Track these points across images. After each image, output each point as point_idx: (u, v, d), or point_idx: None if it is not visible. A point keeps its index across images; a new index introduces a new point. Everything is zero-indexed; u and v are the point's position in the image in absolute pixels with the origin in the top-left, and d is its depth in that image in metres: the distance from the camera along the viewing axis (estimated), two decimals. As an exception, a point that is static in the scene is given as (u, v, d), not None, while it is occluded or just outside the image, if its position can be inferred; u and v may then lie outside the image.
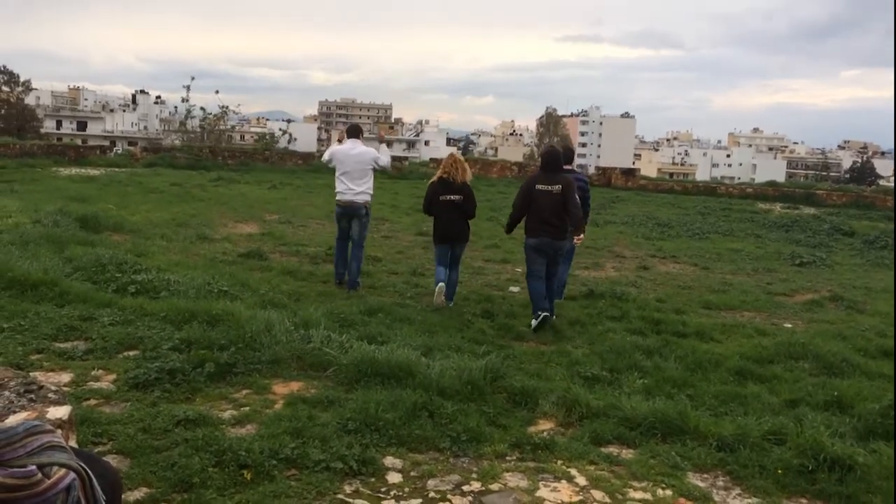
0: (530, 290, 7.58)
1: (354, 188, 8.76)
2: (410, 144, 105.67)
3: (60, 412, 2.48)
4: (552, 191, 7.40)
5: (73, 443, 2.52)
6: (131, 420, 4.08)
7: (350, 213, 8.85)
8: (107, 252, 8.00)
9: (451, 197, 8.05)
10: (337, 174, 8.86)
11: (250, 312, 5.95)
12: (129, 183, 18.63)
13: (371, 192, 8.93)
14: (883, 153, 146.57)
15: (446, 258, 8.17)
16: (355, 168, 8.76)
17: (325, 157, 9.44)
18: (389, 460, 3.91)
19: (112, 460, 3.64)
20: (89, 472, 1.76)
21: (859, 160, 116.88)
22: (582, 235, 7.76)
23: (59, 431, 2.37)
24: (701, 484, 3.92)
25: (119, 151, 29.61)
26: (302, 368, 5.16)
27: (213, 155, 26.52)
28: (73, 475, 1.71)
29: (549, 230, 7.43)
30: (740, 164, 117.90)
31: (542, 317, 7.21)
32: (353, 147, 8.92)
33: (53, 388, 2.69)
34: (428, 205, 8.22)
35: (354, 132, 9.23)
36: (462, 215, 8.13)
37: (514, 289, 9.50)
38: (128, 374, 4.72)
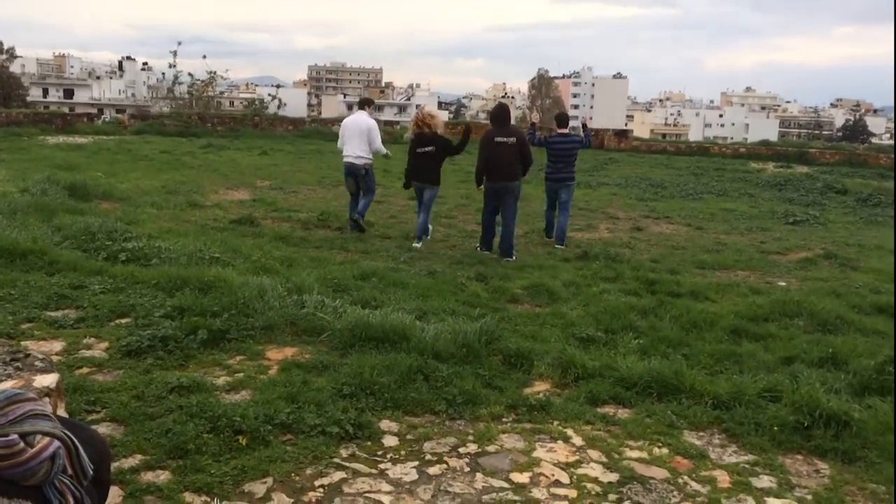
0: (483, 222, 9.26)
1: (354, 152, 10.06)
2: (401, 108, 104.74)
3: (47, 380, 2.43)
4: (508, 142, 8.87)
5: (61, 411, 2.48)
6: (124, 388, 4.04)
7: (353, 173, 10.20)
8: (96, 220, 7.90)
9: (426, 149, 9.34)
10: (344, 139, 10.19)
11: (243, 279, 5.89)
12: (118, 150, 18.40)
13: (368, 156, 10.07)
14: (875, 111, 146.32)
15: (421, 202, 9.54)
16: (354, 135, 10.05)
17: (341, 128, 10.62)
18: (385, 424, 3.90)
19: (105, 428, 3.61)
20: (75, 440, 1.72)
21: (852, 118, 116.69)
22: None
23: (47, 399, 2.32)
24: (697, 442, 3.92)
25: (107, 119, 29.24)
26: (296, 334, 5.12)
27: (202, 121, 26.20)
28: (57, 443, 1.66)
29: (505, 175, 8.94)
30: (733, 124, 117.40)
31: (482, 249, 9.07)
32: (357, 117, 10.28)
33: (40, 356, 2.64)
34: (408, 157, 9.62)
35: (362, 104, 10.60)
36: (436, 163, 9.39)
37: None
38: (120, 341, 4.68)
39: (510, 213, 9.06)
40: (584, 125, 11.42)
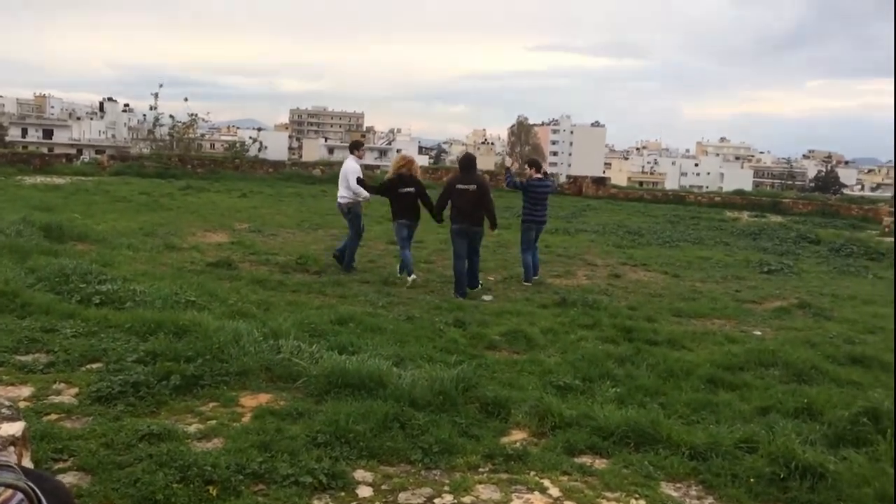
0: (455, 267, 9.75)
1: (338, 193, 10.93)
2: (382, 153, 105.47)
3: (13, 429, 2.37)
4: (470, 189, 9.63)
5: (26, 461, 2.41)
6: (93, 435, 3.95)
7: (340, 212, 11.08)
8: (71, 262, 7.81)
9: (409, 189, 10.15)
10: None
11: (218, 323, 5.83)
12: (96, 192, 18.30)
13: (347, 195, 10.70)
14: (847, 162, 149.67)
15: (407, 240, 10.26)
16: (340, 177, 10.88)
17: None
18: (360, 474, 3.83)
19: (72, 477, 3.52)
20: (38, 492, 1.67)
21: (824, 169, 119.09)
22: (496, 229, 10.14)
23: (12, 449, 2.26)
24: (674, 493, 3.90)
25: (86, 160, 29.15)
26: (271, 380, 5.06)
27: (182, 163, 26.18)
28: (19, 496, 1.61)
29: (468, 218, 9.65)
30: (708, 173, 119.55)
31: (457, 295, 9.32)
32: (346, 160, 11.14)
33: (7, 402, 2.57)
34: (386, 191, 10.34)
35: (350, 148, 11.56)
36: (415, 204, 10.21)
37: (487, 297, 9.47)
38: (90, 387, 4.59)
39: (476, 253, 10.02)
40: (546, 174, 12.28)
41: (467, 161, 10.13)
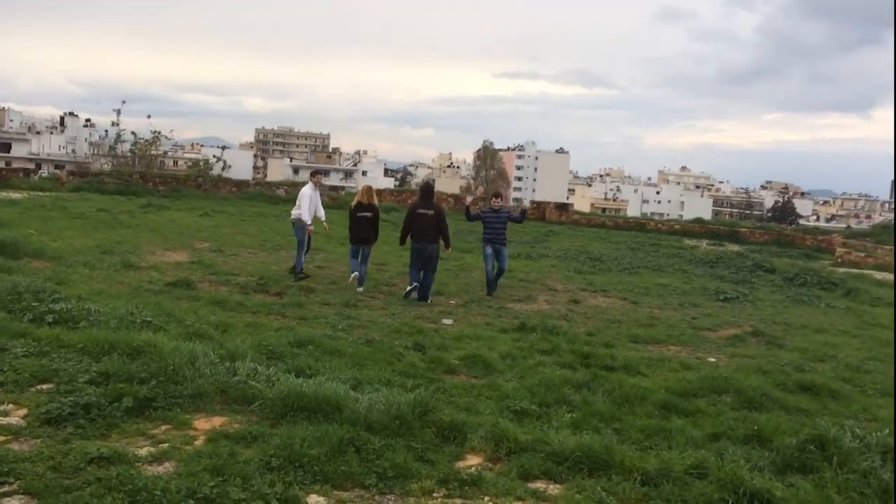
0: (411, 273, 11.30)
1: (293, 209, 12.64)
2: (348, 174, 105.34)
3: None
4: (427, 213, 11.23)
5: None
6: (41, 458, 3.87)
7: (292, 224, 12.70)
8: (24, 279, 7.66)
9: (366, 214, 11.75)
10: None
11: (174, 344, 5.75)
12: (53, 207, 17.97)
13: (296, 212, 12.37)
14: (803, 193, 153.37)
15: (358, 255, 11.71)
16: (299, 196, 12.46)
17: None
18: (313, 498, 3.81)
19: (18, 502, 3.44)
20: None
21: (781, 200, 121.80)
22: (449, 249, 11.91)
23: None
24: (625, 519, 3.93)
25: (44, 174, 28.62)
26: (226, 402, 5.00)
27: (143, 180, 25.88)
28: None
29: (424, 239, 11.21)
30: (669, 201, 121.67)
31: (413, 287, 10.97)
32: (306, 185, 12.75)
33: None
34: (350, 218, 11.90)
35: (311, 174, 13.05)
36: (370, 226, 11.76)
37: (447, 321, 9.49)
38: (40, 408, 4.49)
39: (431, 268, 11.30)
40: (524, 210, 14.18)
41: (426, 189, 12.04)
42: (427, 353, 7.44)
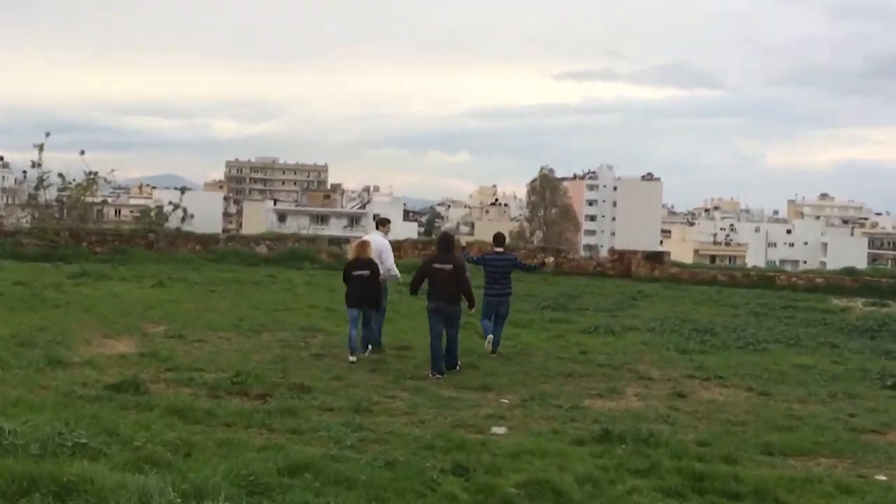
0: (432, 348, 12.61)
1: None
2: (354, 220, 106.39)
3: None
4: (445, 269, 12.79)
5: None
6: None
7: None
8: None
9: (362, 272, 13.46)
10: None
11: (118, 477, 5.78)
12: (-46, 282, 18.36)
13: (388, 272, 14.46)
14: None
15: (357, 320, 13.41)
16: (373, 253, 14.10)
17: None
18: None
19: None
20: None
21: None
22: (473, 309, 13.61)
23: None
24: None
25: (-59, 236, 29.32)
26: (191, 562, 4.97)
27: (75, 240, 26.43)
28: None
29: (444, 298, 12.77)
30: (805, 244, 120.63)
31: (434, 370, 12.30)
32: (373, 234, 15.08)
33: None
34: (344, 278, 13.76)
35: (377, 224, 15.68)
36: (368, 286, 13.44)
37: (499, 429, 9.39)
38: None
39: (454, 332, 12.92)
40: (542, 263, 18.23)
41: (445, 241, 13.93)
42: (472, 478, 7.35)
